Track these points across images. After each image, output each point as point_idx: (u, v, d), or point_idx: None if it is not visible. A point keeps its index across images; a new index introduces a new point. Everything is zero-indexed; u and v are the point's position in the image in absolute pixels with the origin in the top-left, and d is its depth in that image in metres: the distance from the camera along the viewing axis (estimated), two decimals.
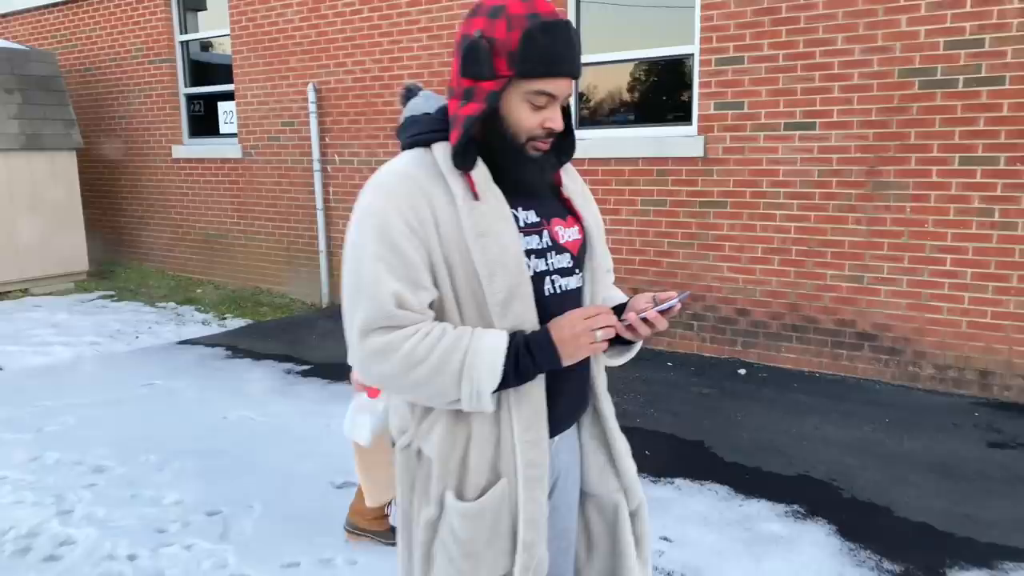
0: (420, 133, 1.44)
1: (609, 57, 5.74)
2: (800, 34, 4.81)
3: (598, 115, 5.93)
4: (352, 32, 6.86)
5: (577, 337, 1.38)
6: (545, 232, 1.47)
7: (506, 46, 1.33)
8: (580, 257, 1.53)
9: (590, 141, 5.73)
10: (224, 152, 8.08)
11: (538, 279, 1.43)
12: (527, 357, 1.37)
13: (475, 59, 1.34)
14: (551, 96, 1.39)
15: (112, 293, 8.10)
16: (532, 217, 1.46)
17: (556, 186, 1.56)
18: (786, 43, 4.86)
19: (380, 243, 1.34)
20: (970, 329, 4.54)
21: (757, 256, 5.17)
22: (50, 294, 8.06)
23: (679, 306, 1.46)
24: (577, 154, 6.48)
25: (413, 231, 1.35)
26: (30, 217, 7.99)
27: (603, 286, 1.61)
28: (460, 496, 1.44)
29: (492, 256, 1.36)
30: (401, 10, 6.52)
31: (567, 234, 1.51)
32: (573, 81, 1.43)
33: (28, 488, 3.48)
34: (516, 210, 1.43)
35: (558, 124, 1.42)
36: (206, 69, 8.54)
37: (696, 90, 5.30)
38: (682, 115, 5.51)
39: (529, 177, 1.45)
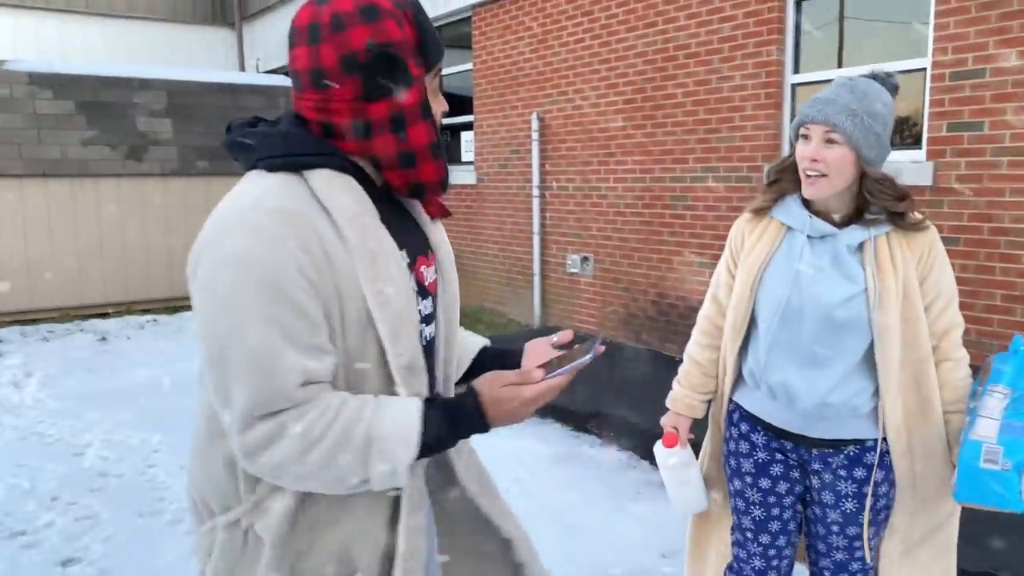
0: (296, 155, 1.17)
1: (827, 76, 5.20)
2: None
3: None
4: (574, 61, 6.97)
5: (514, 413, 1.19)
6: (413, 274, 1.25)
7: (407, 45, 1.17)
8: (436, 299, 1.34)
9: None
10: (463, 178, 8.61)
11: None
12: (449, 429, 1.17)
13: (393, 68, 1.15)
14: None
15: None
16: (404, 256, 1.24)
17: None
18: None
19: (271, 301, 1.07)
20: None
21: (995, 304, 4.33)
22: None
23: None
24: None
25: (311, 282, 1.10)
26: None
27: (455, 329, 1.40)
28: None
29: (405, 312, 1.18)
30: (620, 36, 6.49)
31: (428, 273, 1.32)
32: None
33: None
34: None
35: (445, 106, 1.27)
36: (460, 101, 9.19)
37: (926, 109, 4.60)
38: (909, 138, 4.81)
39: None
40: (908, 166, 4.63)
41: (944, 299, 1.82)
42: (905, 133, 4.86)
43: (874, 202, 1.78)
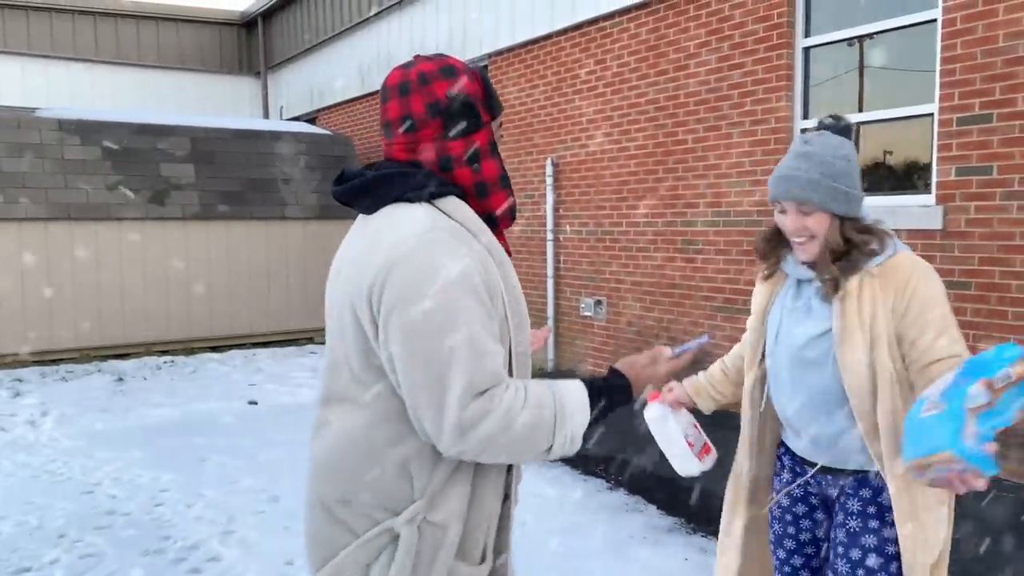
0: (427, 187, 1.39)
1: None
2: None
3: None
4: (587, 108, 7.08)
5: (651, 378, 1.51)
6: None
7: (477, 96, 1.44)
8: None
9: None
10: None
11: None
12: (608, 400, 1.41)
13: (468, 113, 1.42)
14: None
15: None
16: None
17: None
18: None
19: (471, 298, 1.31)
20: None
21: None
22: None
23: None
24: None
25: (484, 283, 1.35)
26: (320, 274, 9.27)
27: None
28: (468, 560, 1.44)
29: (522, 308, 1.46)
30: (631, 84, 6.60)
31: None
32: None
33: (212, 506, 3.96)
34: None
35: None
36: None
37: (935, 154, 4.61)
38: (919, 182, 4.81)
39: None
40: (918, 210, 4.63)
41: (933, 331, 1.79)
42: (916, 177, 4.86)
43: (851, 259, 1.86)
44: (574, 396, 1.37)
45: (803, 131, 5.43)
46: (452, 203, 1.40)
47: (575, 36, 7.22)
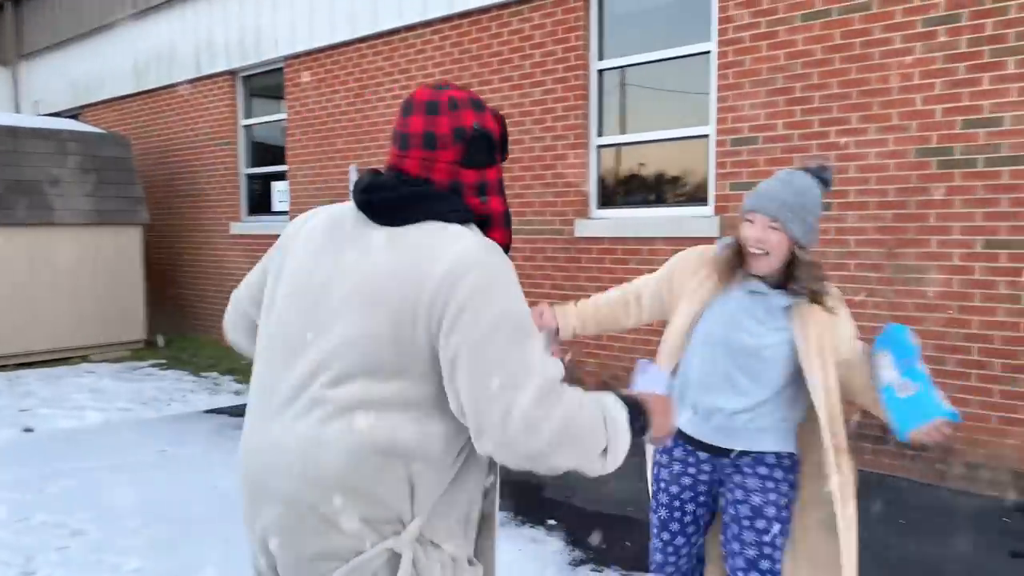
0: (463, 212, 1.44)
1: (627, 139, 5.75)
2: (814, 114, 4.70)
3: (617, 196, 5.91)
4: (392, 116, 7.14)
5: (663, 427, 1.51)
6: None
7: (496, 135, 1.49)
8: None
9: (610, 221, 5.70)
10: (277, 228, 8.42)
11: None
12: (635, 418, 1.43)
13: (486, 148, 1.46)
14: None
15: (163, 361, 8.42)
16: None
17: None
18: (800, 123, 4.76)
19: (527, 308, 1.40)
20: (1001, 424, 4.17)
21: None
22: (106, 361, 8.44)
23: None
24: (597, 233, 6.44)
25: None
26: (94, 287, 8.47)
27: None
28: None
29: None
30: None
31: None
32: None
33: (4, 547, 3.56)
34: None
35: None
36: (268, 150, 9.02)
37: (712, 171, 5.22)
38: (699, 195, 5.42)
39: None
40: (699, 220, 5.22)
41: (856, 344, 2.24)
42: (696, 191, 5.46)
43: (799, 279, 2.15)
44: (616, 409, 1.41)
45: (599, 147, 5.88)
46: (476, 229, 1.46)
47: (377, 44, 7.25)
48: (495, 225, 1.50)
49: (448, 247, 1.35)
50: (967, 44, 4.17)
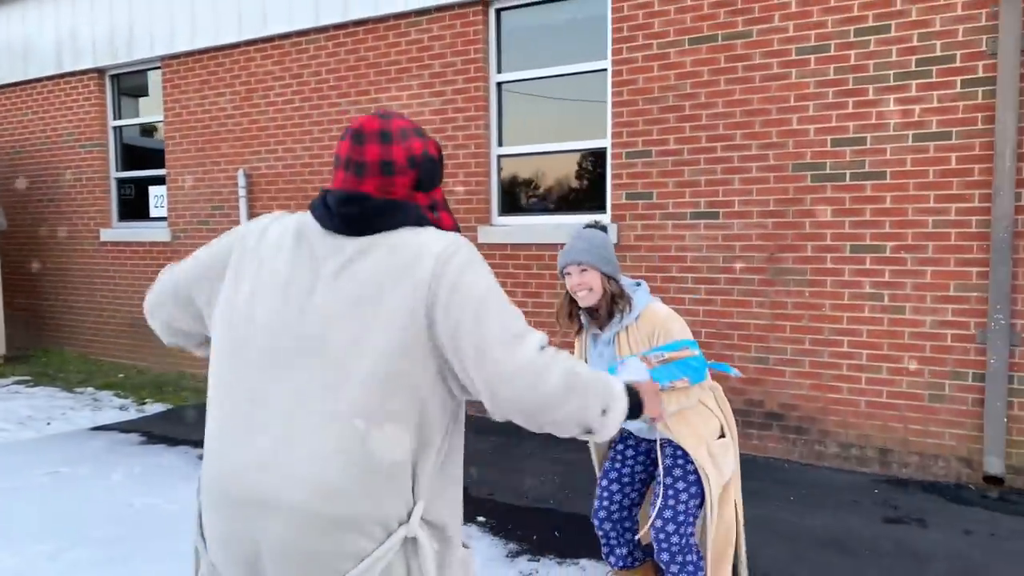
0: (426, 219, 1.59)
1: (529, 149, 6.00)
2: (702, 130, 5.13)
3: (519, 203, 6.15)
4: (284, 121, 7.04)
5: (654, 406, 1.79)
6: None
7: (437, 159, 1.63)
8: None
9: (512, 228, 5.93)
10: (154, 235, 8.07)
11: None
12: (634, 399, 1.63)
13: (433, 171, 1.61)
14: None
15: (28, 378, 7.86)
16: None
17: None
18: (689, 138, 5.18)
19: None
20: (868, 408, 4.74)
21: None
22: None
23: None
24: (499, 240, 6.60)
25: None
26: None
27: None
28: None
29: None
30: (331, 100, 6.74)
31: None
32: None
33: None
34: None
35: None
36: (140, 153, 8.60)
37: (609, 181, 5.56)
38: (597, 204, 5.75)
39: None
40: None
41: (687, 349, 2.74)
42: (594, 200, 5.79)
43: (616, 307, 2.76)
44: (615, 380, 1.61)
45: (500, 157, 6.09)
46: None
47: (266, 48, 7.13)
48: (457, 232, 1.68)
49: (432, 242, 1.48)
50: (834, 72, 4.71)
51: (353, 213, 1.50)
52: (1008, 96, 4.24)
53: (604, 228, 2.87)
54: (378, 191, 1.53)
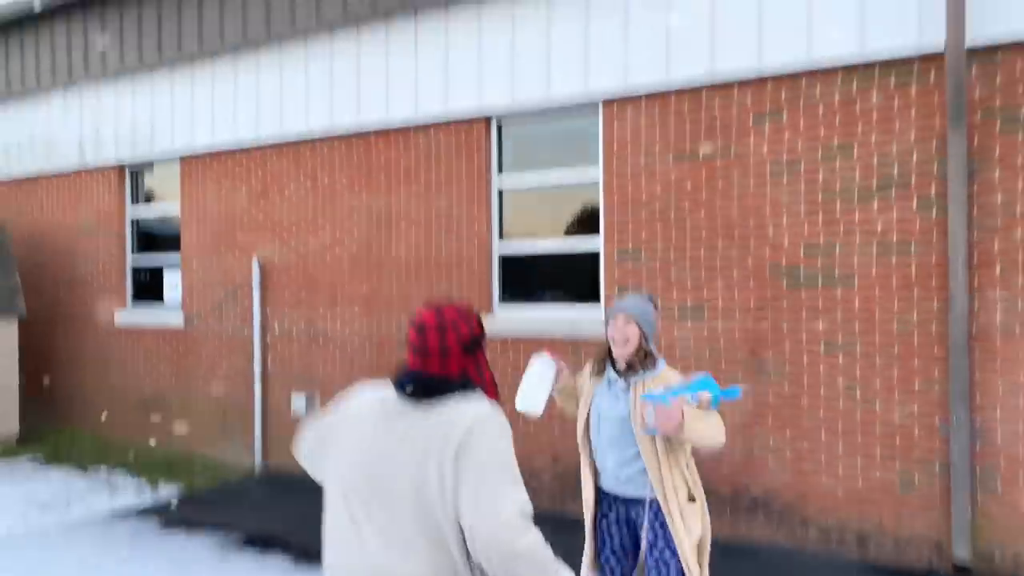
0: (468, 387, 2.10)
1: (527, 248, 6.47)
2: (687, 236, 5.61)
3: (519, 297, 6.58)
4: (298, 216, 7.51)
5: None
6: None
7: (479, 332, 2.19)
8: None
9: (511, 317, 6.35)
10: (167, 318, 8.45)
11: None
12: None
13: (476, 344, 2.16)
14: None
15: (41, 456, 8.12)
16: None
17: None
18: (676, 243, 5.65)
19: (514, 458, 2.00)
20: (845, 496, 5.11)
21: None
22: None
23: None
24: (500, 331, 6.94)
25: None
26: None
27: None
28: None
29: None
30: (344, 198, 7.23)
31: None
32: None
33: None
34: None
35: None
36: (156, 239, 9.03)
37: (603, 278, 6.02)
38: (592, 296, 6.19)
39: None
40: (592, 322, 5.96)
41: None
42: (589, 294, 6.23)
43: (643, 364, 3.23)
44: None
45: (502, 258, 6.55)
46: (480, 393, 2.11)
47: (283, 147, 7.63)
48: (488, 388, 2.16)
49: (469, 410, 2.02)
50: (805, 189, 5.23)
51: (417, 388, 2.06)
52: (958, 214, 4.74)
53: (656, 303, 3.38)
54: (440, 368, 2.07)
